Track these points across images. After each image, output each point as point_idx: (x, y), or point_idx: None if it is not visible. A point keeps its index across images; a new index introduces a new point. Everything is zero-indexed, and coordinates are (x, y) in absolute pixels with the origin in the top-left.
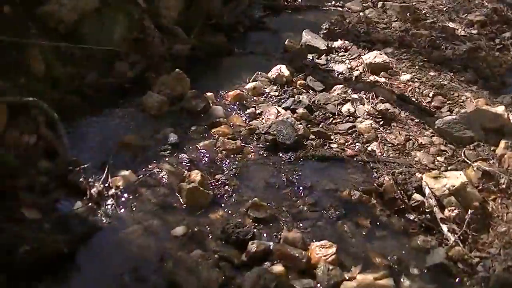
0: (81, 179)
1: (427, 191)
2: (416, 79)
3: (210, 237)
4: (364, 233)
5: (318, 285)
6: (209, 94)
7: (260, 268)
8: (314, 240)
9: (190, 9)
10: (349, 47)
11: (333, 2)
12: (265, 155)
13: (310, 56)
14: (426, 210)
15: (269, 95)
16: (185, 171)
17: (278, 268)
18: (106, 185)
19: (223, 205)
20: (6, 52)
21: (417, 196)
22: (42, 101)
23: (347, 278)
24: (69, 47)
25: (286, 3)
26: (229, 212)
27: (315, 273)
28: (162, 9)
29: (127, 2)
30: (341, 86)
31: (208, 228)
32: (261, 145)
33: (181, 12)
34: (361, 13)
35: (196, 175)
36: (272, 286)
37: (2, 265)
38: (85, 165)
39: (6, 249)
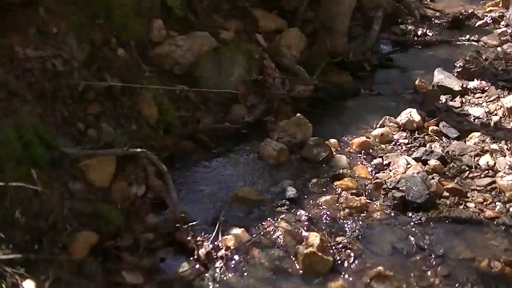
0: (189, 238)
1: None
2: None
3: None
4: None
5: None
6: (332, 141)
7: None
8: None
9: (314, 47)
10: (486, 87)
11: (468, 36)
12: (392, 214)
13: (443, 98)
14: None
15: (398, 143)
16: (303, 231)
17: None
18: (216, 244)
19: (343, 273)
20: (117, 98)
21: None
22: (151, 153)
23: None
24: (184, 90)
25: (416, 38)
26: (350, 281)
27: None
28: (284, 47)
29: (247, 41)
30: (478, 133)
31: None
32: (388, 202)
33: (303, 50)
34: (498, 48)
35: (315, 238)
36: None
37: None
38: (194, 222)
39: None
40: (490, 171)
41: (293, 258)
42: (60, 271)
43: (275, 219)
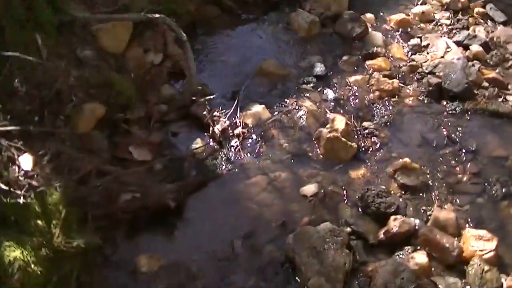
0: (205, 112)
1: None
2: None
3: (345, 202)
4: None
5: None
6: (368, 16)
7: (399, 261)
8: (470, 224)
9: None
10: None
11: None
12: (425, 101)
13: None
14: None
15: (439, 23)
16: (328, 112)
17: (421, 258)
18: (233, 121)
19: (367, 161)
20: None
21: None
22: (169, 19)
23: (504, 286)
24: None
25: None
26: (373, 171)
27: (465, 271)
28: None
29: None
30: None
31: (345, 190)
32: (422, 88)
33: None
34: None
35: (340, 122)
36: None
37: (102, 213)
38: (213, 96)
39: (107, 195)
40: None
41: (315, 142)
42: (61, 145)
43: (300, 97)
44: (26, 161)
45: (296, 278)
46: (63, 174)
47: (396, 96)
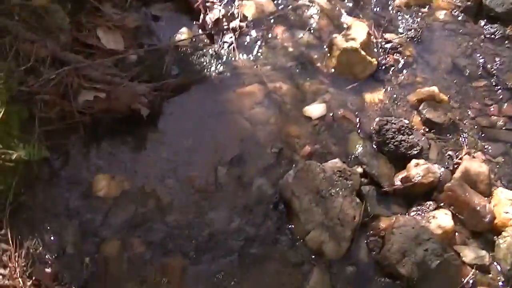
0: None
1: None
2: None
3: (357, 132)
4: None
5: (495, 264)
6: None
7: (421, 224)
8: (503, 182)
9: None
10: None
11: None
12: (460, 18)
13: None
14: None
15: None
16: (344, 15)
17: (445, 220)
18: (230, 11)
19: (386, 83)
20: None
21: None
22: None
23: None
24: None
25: None
26: (393, 97)
27: (495, 243)
28: None
29: None
30: None
31: (358, 117)
32: (458, 1)
33: None
34: None
35: (360, 30)
36: (433, 264)
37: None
38: None
39: (62, 92)
40: None
41: (326, 50)
42: (7, 20)
43: None
44: None
45: (291, 226)
46: (6, 59)
47: (427, 7)
